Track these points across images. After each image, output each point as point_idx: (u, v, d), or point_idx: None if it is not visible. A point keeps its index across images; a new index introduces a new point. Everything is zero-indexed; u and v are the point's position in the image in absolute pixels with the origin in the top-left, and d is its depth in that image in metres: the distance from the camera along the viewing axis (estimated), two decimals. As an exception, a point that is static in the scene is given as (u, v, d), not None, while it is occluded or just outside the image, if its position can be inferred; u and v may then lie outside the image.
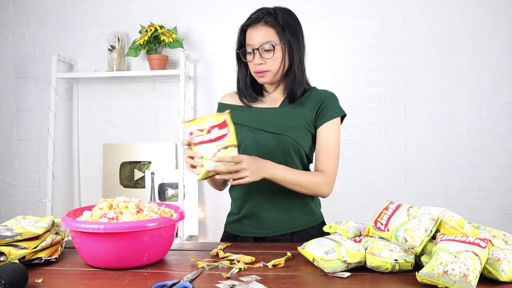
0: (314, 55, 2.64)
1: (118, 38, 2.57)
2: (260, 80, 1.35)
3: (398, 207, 1.07)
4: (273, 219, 1.36)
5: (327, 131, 1.35)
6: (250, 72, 1.39)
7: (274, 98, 1.41)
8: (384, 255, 0.99)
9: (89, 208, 1.15)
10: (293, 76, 1.34)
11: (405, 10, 2.64)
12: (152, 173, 2.60)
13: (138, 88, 2.69)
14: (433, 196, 2.67)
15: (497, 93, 2.65)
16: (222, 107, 1.45)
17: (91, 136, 2.71)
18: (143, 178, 2.66)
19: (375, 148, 2.67)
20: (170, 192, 2.62)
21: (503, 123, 2.66)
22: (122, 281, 0.97)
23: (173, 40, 2.48)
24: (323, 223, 1.44)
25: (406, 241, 0.97)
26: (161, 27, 2.50)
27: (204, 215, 2.70)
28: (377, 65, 2.65)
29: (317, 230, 1.39)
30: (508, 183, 2.67)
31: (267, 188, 1.34)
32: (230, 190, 1.47)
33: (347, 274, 0.99)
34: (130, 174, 2.68)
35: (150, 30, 2.48)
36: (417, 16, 2.64)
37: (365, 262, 1.02)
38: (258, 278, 0.97)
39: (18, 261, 1.00)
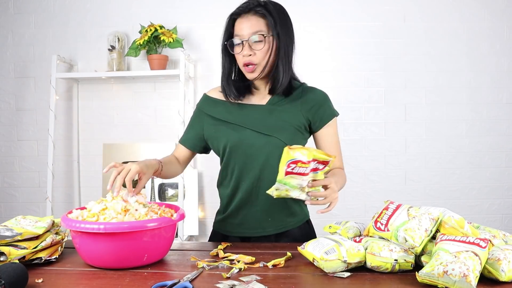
0: (314, 55, 2.65)
1: (118, 38, 2.57)
2: (249, 75, 1.29)
3: (398, 207, 1.07)
4: (257, 220, 1.35)
5: (330, 135, 1.37)
6: (235, 68, 1.35)
7: (262, 95, 1.37)
8: (384, 255, 0.99)
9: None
10: (276, 69, 1.29)
11: (405, 10, 2.64)
12: (152, 173, 2.59)
13: (138, 88, 2.69)
14: (433, 196, 2.67)
15: (497, 93, 2.65)
16: (207, 100, 1.42)
17: (91, 136, 2.71)
18: (143, 178, 2.65)
19: (375, 148, 2.67)
20: (170, 192, 2.62)
21: (503, 123, 2.66)
22: (122, 281, 0.97)
23: (173, 40, 2.48)
24: (308, 222, 1.43)
25: (406, 241, 0.97)
26: (161, 27, 2.50)
27: (204, 215, 2.70)
28: (377, 65, 2.65)
29: (301, 229, 1.38)
30: (508, 183, 2.67)
31: (251, 189, 1.33)
32: (219, 187, 1.45)
33: (347, 274, 0.99)
34: (130, 174, 2.67)
35: (150, 30, 2.48)
36: (417, 16, 2.64)
37: (365, 262, 1.02)
38: (258, 278, 0.97)
39: (18, 261, 1.00)
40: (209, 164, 2.68)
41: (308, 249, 1.06)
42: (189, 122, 1.46)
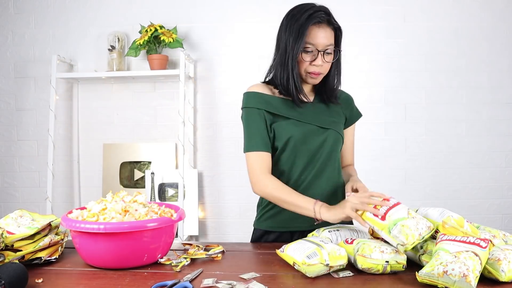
0: (314, 55, 2.64)
1: (118, 38, 2.57)
2: (312, 81, 1.32)
3: (399, 203, 1.07)
4: None
5: (352, 134, 1.50)
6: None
7: (305, 93, 1.37)
8: (375, 257, 0.98)
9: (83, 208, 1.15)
10: (337, 78, 1.38)
11: (405, 10, 2.64)
12: (152, 173, 2.60)
13: (138, 88, 2.69)
14: (433, 196, 2.67)
15: (497, 93, 2.65)
16: (258, 97, 1.33)
17: (91, 136, 2.71)
18: (143, 178, 2.66)
19: (375, 148, 2.67)
20: (170, 192, 2.62)
21: (503, 123, 2.66)
22: (122, 281, 0.97)
23: (173, 40, 2.48)
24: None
25: (398, 237, 0.97)
26: (161, 27, 2.50)
27: (204, 215, 2.70)
28: (377, 65, 2.65)
29: (343, 223, 1.35)
30: (508, 183, 2.67)
31: (311, 183, 1.34)
32: None
33: (348, 273, 0.99)
34: (130, 174, 2.68)
35: (150, 30, 2.48)
36: (417, 16, 2.63)
37: (356, 264, 1.01)
38: (257, 275, 0.97)
39: (18, 261, 1.00)
40: (209, 164, 2.68)
41: (288, 253, 1.04)
42: (249, 126, 1.33)
